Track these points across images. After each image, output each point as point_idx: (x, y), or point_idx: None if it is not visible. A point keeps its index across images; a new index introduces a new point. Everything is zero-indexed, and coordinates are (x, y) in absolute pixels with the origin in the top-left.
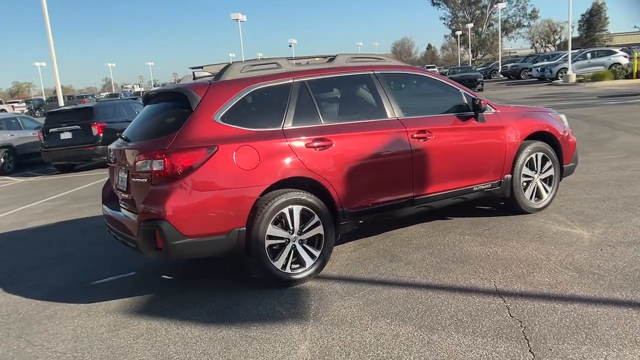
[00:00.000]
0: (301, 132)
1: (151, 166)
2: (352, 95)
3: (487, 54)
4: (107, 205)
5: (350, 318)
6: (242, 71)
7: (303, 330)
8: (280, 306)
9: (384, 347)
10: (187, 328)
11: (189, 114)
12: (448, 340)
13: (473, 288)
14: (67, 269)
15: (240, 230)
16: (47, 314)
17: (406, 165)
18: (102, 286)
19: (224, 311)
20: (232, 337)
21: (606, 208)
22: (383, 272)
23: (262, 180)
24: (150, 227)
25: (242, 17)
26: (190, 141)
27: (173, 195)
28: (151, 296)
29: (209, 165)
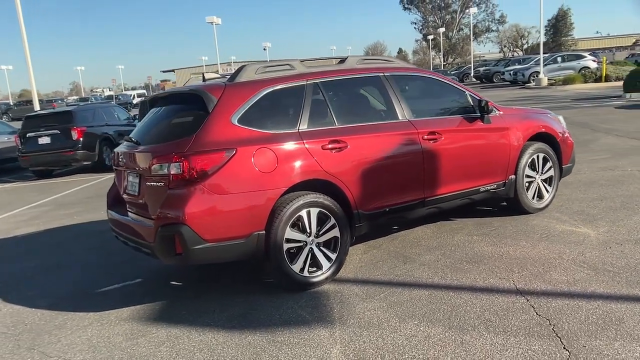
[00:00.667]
0: (317, 134)
1: (168, 169)
2: (363, 97)
3: (457, 58)
4: (113, 210)
5: (377, 320)
6: (256, 73)
7: (331, 334)
8: (301, 310)
9: (417, 348)
10: (209, 334)
11: (206, 116)
12: (481, 340)
13: (493, 288)
14: (67, 277)
15: (260, 233)
16: (56, 324)
17: (418, 167)
18: (109, 294)
19: (244, 316)
20: (260, 343)
21: (605, 207)
22: (399, 274)
23: (281, 182)
24: (169, 232)
25: (217, 20)
26: (209, 144)
27: (192, 199)
28: (164, 303)
29: (228, 168)
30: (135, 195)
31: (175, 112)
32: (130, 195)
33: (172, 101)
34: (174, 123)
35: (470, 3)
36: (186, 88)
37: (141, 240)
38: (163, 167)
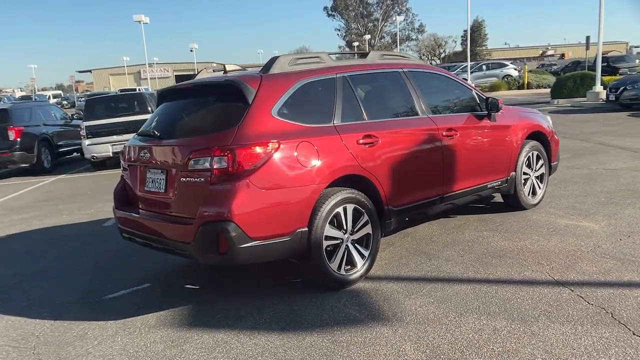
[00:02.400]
0: (350, 128)
1: (211, 164)
2: (388, 92)
3: None
4: (125, 209)
5: (434, 316)
6: (289, 64)
7: (394, 332)
8: (349, 309)
9: (492, 341)
10: (261, 338)
11: (246, 107)
12: (550, 330)
13: (532, 280)
14: (59, 284)
15: (303, 230)
16: (75, 335)
17: (439, 163)
18: (119, 300)
19: (289, 317)
20: (323, 344)
21: (593, 202)
22: (430, 270)
23: (322, 178)
24: (212, 231)
25: (144, 19)
26: (252, 137)
27: (239, 194)
28: (190, 307)
29: (273, 163)
30: (160, 192)
31: (207, 104)
32: (153, 192)
33: (201, 92)
34: (207, 115)
35: (392, 12)
36: (220, 78)
37: (173, 240)
38: (203, 161)
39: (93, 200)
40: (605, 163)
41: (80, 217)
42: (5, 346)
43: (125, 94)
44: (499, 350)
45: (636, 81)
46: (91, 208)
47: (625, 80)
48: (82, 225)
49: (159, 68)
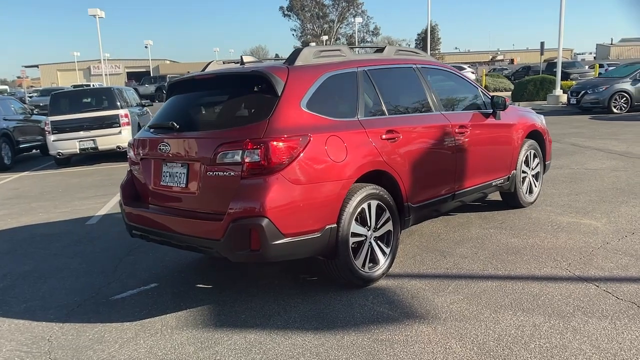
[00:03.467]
0: (374, 123)
1: (242, 157)
2: (404, 87)
3: None
4: (135, 206)
5: (469, 313)
6: (313, 57)
7: (434, 329)
8: (379, 306)
9: (537, 337)
10: (297, 337)
11: (275, 99)
12: (590, 325)
13: (554, 276)
14: (56, 285)
15: (332, 227)
16: (92, 338)
17: (452, 160)
18: (128, 301)
19: (319, 316)
20: (364, 343)
21: (586, 201)
22: (448, 267)
23: (351, 173)
24: (245, 227)
25: (100, 13)
26: (284, 130)
27: (272, 189)
28: (209, 307)
29: (305, 157)
30: (180, 187)
31: (233, 95)
32: (171, 187)
33: (225, 83)
34: (234, 107)
35: (347, 14)
36: (246, 69)
37: (198, 237)
38: (233, 154)
39: (68, 199)
40: (584, 163)
41: (58, 215)
42: (15, 351)
43: (93, 89)
44: (547, 346)
45: (596, 86)
46: (67, 206)
47: (586, 85)
48: (63, 223)
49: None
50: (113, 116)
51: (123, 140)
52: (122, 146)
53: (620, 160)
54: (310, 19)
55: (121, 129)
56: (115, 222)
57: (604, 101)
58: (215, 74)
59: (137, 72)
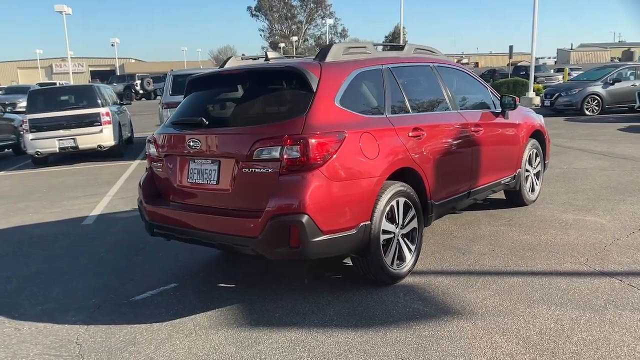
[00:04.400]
0: (400, 120)
1: (281, 153)
2: (425, 85)
3: None
4: (157, 204)
5: (504, 308)
6: (342, 53)
7: (475, 324)
8: (413, 303)
9: (578, 330)
10: (339, 335)
11: (311, 95)
12: (624, 318)
13: (576, 271)
14: (68, 286)
15: (366, 224)
16: (122, 339)
17: (469, 158)
18: (150, 302)
19: (355, 314)
20: (409, 339)
21: (584, 199)
22: (470, 264)
23: (383, 170)
24: (284, 224)
25: (67, 10)
26: (321, 126)
27: (311, 186)
28: (239, 306)
29: (342, 153)
30: (211, 184)
31: (265, 91)
32: (201, 185)
33: (257, 79)
34: (268, 102)
35: (316, 15)
36: (279, 64)
37: (232, 234)
38: (271, 151)
39: (55, 199)
40: (571, 163)
41: (49, 215)
42: (44, 355)
43: (73, 86)
44: (590, 339)
45: (569, 88)
46: (58, 207)
47: (560, 87)
48: (58, 224)
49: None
50: (94, 114)
51: (104, 139)
52: (104, 145)
53: (606, 160)
54: (279, 20)
55: (102, 127)
56: (112, 223)
57: (576, 103)
58: (245, 70)
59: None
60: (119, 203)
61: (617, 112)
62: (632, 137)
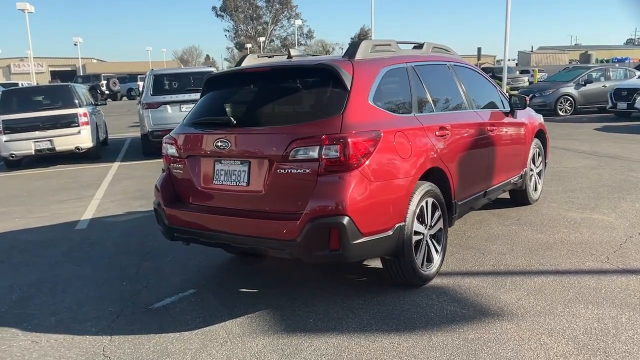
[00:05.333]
0: (427, 119)
1: (319, 154)
2: (444, 84)
3: None
4: (179, 207)
5: (541, 308)
6: (370, 50)
7: (518, 326)
8: (449, 305)
9: (623, 329)
10: (382, 340)
11: (346, 94)
12: None
13: (600, 269)
14: (79, 295)
15: (401, 225)
16: (154, 350)
17: (486, 157)
18: (173, 310)
19: (392, 317)
20: (457, 342)
21: (585, 197)
22: (494, 264)
23: (416, 170)
24: (324, 226)
25: (29, 8)
26: (358, 125)
27: (352, 186)
28: (269, 312)
29: (379, 153)
30: (240, 186)
31: (295, 89)
32: (228, 187)
33: (285, 77)
34: (299, 101)
35: (281, 16)
36: (312, 61)
37: (267, 238)
38: (308, 151)
39: (39, 202)
40: (560, 162)
41: (37, 220)
42: None
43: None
44: (637, 337)
45: (543, 89)
46: (44, 211)
47: (534, 89)
48: (49, 229)
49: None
50: (71, 115)
51: (82, 140)
52: (81, 147)
53: (593, 159)
54: (244, 20)
55: (80, 128)
56: (108, 227)
57: (550, 104)
58: (273, 67)
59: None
60: (110, 207)
61: (588, 112)
62: (610, 137)
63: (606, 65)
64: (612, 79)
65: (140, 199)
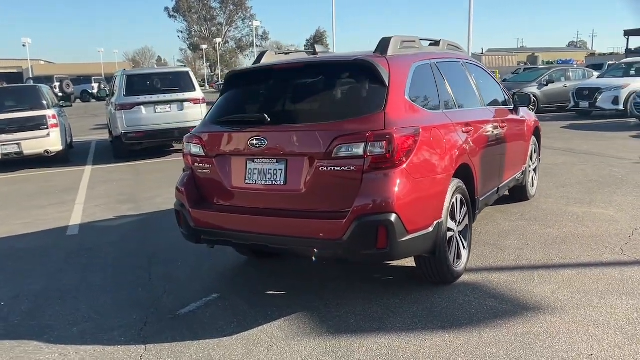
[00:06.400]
0: (454, 115)
1: (365, 150)
2: (461, 81)
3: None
4: (206, 208)
5: (578, 301)
6: (399, 47)
7: (562, 319)
8: (487, 301)
9: None
10: (433, 338)
11: (385, 90)
12: None
13: (620, 261)
14: (93, 303)
15: (439, 222)
16: (197, 357)
17: (500, 153)
18: (203, 315)
19: (434, 315)
20: (509, 338)
21: (577, 192)
22: (515, 259)
23: (451, 166)
24: (372, 224)
25: None
26: (399, 121)
27: (398, 183)
28: (305, 314)
29: (420, 149)
30: (276, 185)
31: (331, 85)
32: (264, 187)
33: (319, 72)
34: (337, 97)
35: (236, 18)
36: (347, 57)
37: (311, 238)
38: (352, 147)
39: (19, 208)
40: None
41: (22, 227)
42: None
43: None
44: None
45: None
46: (27, 217)
47: None
48: (38, 236)
49: None
50: (40, 117)
51: (52, 143)
52: (51, 150)
53: (571, 156)
54: (198, 21)
55: (49, 131)
56: (102, 232)
57: None
58: (305, 63)
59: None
60: (97, 211)
61: (548, 111)
62: (579, 134)
63: (566, 66)
64: (572, 79)
65: (127, 203)
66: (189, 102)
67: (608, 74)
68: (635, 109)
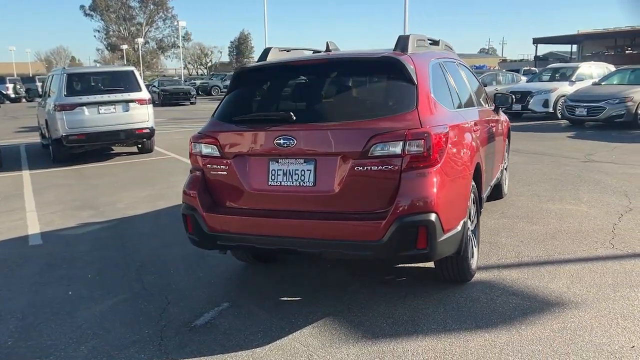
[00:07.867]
0: (464, 115)
1: (403, 149)
2: (461, 81)
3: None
4: (223, 212)
5: (595, 294)
6: (416, 45)
7: (587, 312)
8: (508, 298)
9: None
10: (475, 339)
11: (413, 87)
12: None
13: (616, 255)
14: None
15: (465, 221)
16: None
17: (493, 152)
18: (221, 326)
19: (464, 315)
20: (546, 334)
21: (545, 190)
22: (515, 255)
23: (472, 165)
24: (412, 224)
25: None
26: (431, 119)
27: (437, 182)
28: (332, 319)
29: (451, 148)
30: (305, 186)
31: (357, 82)
32: (291, 188)
33: (345, 69)
34: (368, 94)
35: (156, 17)
36: (374, 54)
37: (347, 240)
38: (391, 146)
39: None
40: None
41: None
42: None
43: None
44: None
45: None
46: None
47: None
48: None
49: None
50: None
51: None
52: None
53: (522, 156)
54: (116, 21)
55: None
56: (70, 241)
57: None
58: (329, 59)
59: None
60: (54, 219)
61: None
62: (520, 135)
63: (496, 71)
64: (502, 83)
65: (86, 209)
66: (135, 102)
67: (536, 79)
68: (567, 112)
